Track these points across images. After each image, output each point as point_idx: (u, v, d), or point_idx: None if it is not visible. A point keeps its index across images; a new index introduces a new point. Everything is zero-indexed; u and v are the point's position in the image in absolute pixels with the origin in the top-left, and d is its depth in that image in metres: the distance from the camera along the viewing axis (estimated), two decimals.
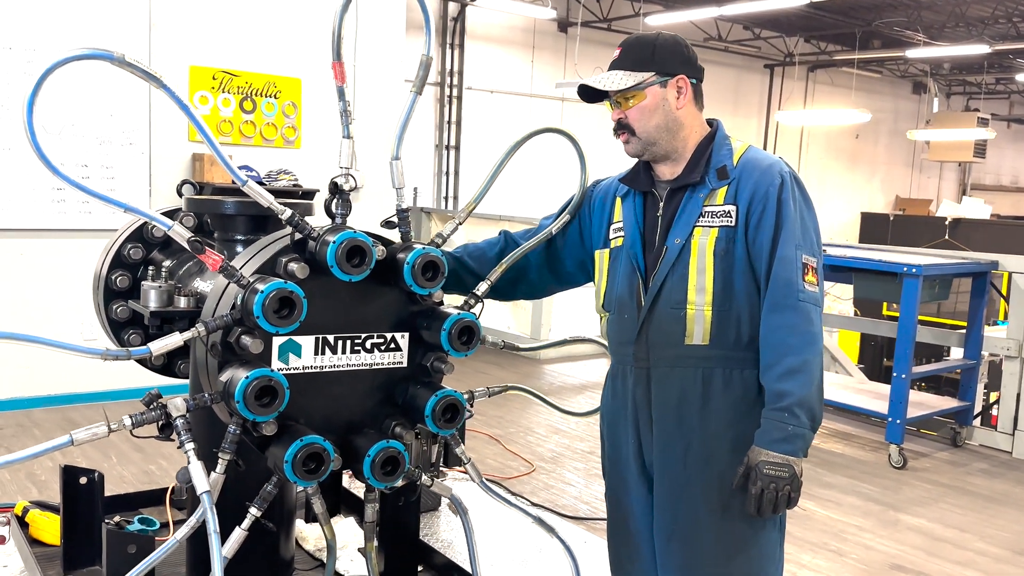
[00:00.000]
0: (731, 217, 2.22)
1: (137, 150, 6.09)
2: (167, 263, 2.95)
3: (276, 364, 2.16)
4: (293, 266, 2.10)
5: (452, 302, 2.41)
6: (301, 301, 2.03)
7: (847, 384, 6.80)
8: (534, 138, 2.39)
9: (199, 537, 2.04)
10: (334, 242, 2.08)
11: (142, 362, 2.85)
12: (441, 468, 3.73)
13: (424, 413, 2.26)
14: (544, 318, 8.10)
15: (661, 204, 2.32)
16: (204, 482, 1.99)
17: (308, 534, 3.29)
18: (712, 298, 2.21)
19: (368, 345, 2.30)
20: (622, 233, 2.38)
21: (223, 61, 6.40)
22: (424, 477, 2.40)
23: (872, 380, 7.56)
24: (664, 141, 2.28)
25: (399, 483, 2.25)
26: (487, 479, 4.31)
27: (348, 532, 3.37)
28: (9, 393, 5.80)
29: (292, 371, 2.18)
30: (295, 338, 2.18)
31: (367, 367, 2.30)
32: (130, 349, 1.99)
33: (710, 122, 2.38)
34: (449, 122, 13.01)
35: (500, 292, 2.56)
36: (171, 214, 3.12)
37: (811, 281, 2.19)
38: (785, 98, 17.83)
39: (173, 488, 3.57)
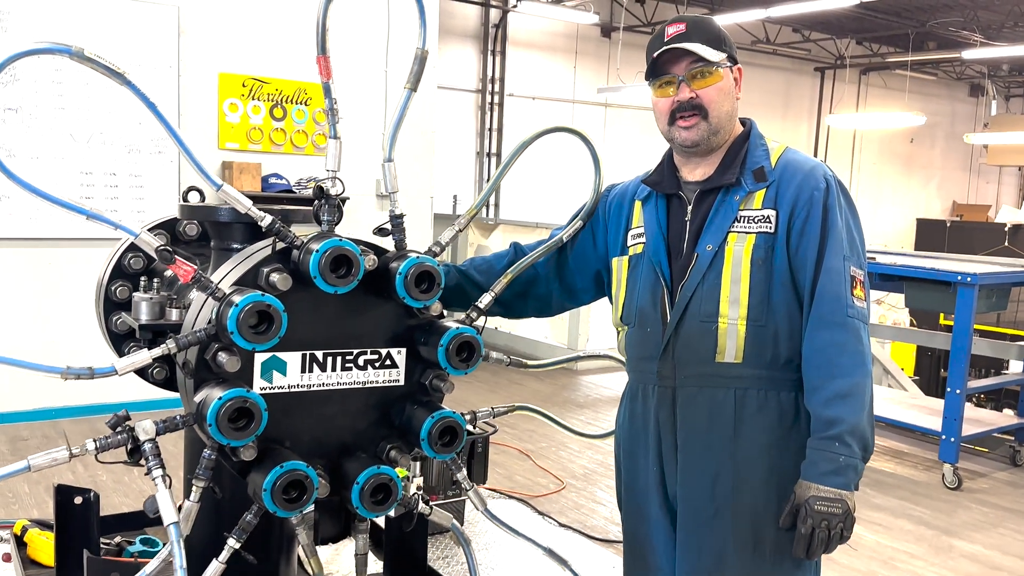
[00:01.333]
0: (771, 223, 2.02)
1: (166, 159, 6.04)
2: (167, 273, 2.83)
3: (259, 383, 2.00)
4: (275, 277, 1.94)
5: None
6: (280, 315, 1.87)
7: (899, 399, 6.48)
8: (569, 145, 2.21)
9: (197, 559, 1.90)
10: (317, 251, 1.92)
11: (145, 377, 2.73)
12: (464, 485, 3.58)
13: (420, 436, 2.08)
14: (581, 327, 7.89)
15: (689, 208, 2.12)
16: (172, 513, 1.84)
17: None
18: (747, 311, 2.01)
19: (361, 362, 2.13)
20: (642, 239, 2.18)
21: (253, 68, 6.33)
22: (422, 505, 2.22)
23: (929, 393, 7.23)
24: (725, 131, 2.10)
25: (393, 512, 2.07)
26: (513, 496, 4.14)
27: None
28: (38, 403, 5.77)
29: (276, 391, 2.02)
30: (280, 355, 2.02)
31: (360, 385, 2.13)
32: (94, 367, 1.84)
33: (743, 121, 2.19)
34: (490, 129, 12.89)
35: (508, 307, 2.37)
36: (173, 223, 3.01)
37: (859, 296, 2.00)
38: (836, 101, 17.39)
39: (180, 506, 3.46)
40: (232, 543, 1.97)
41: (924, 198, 20.23)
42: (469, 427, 3.48)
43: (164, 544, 3.04)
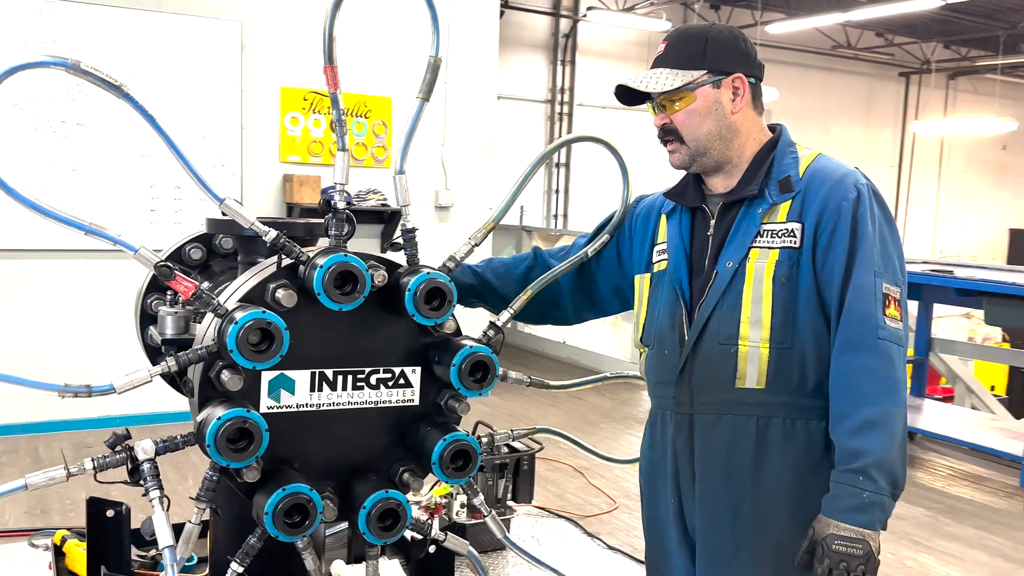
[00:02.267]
0: (795, 237, 1.88)
1: (229, 171, 6.13)
2: (202, 286, 2.82)
3: (266, 402, 1.95)
4: (280, 293, 1.89)
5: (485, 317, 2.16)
6: (281, 333, 1.82)
7: (979, 421, 6.14)
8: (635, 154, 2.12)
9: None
10: (322, 266, 1.86)
11: (178, 388, 2.72)
12: (509, 504, 3.49)
13: (431, 459, 2.00)
14: None
15: (712, 222, 2.00)
16: (168, 536, 1.79)
17: None
18: (770, 333, 1.88)
19: (373, 380, 2.06)
20: (666, 256, 2.07)
21: (314, 82, 6.38)
22: (436, 531, 2.13)
23: (1022, 415, 6.84)
24: (716, 150, 1.96)
25: (403, 536, 2.00)
26: (562, 515, 4.02)
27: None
28: (103, 411, 5.90)
29: (283, 410, 1.97)
30: (288, 373, 1.97)
31: (372, 405, 2.07)
32: (91, 385, 1.82)
33: (772, 127, 2.04)
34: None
35: (528, 316, 2.28)
36: (210, 236, 3.00)
37: (893, 315, 1.83)
38: (922, 107, 16.78)
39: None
40: (235, 567, 1.92)
41: (1018, 208, 19.34)
42: (516, 444, 3.40)
43: (199, 559, 3.03)
